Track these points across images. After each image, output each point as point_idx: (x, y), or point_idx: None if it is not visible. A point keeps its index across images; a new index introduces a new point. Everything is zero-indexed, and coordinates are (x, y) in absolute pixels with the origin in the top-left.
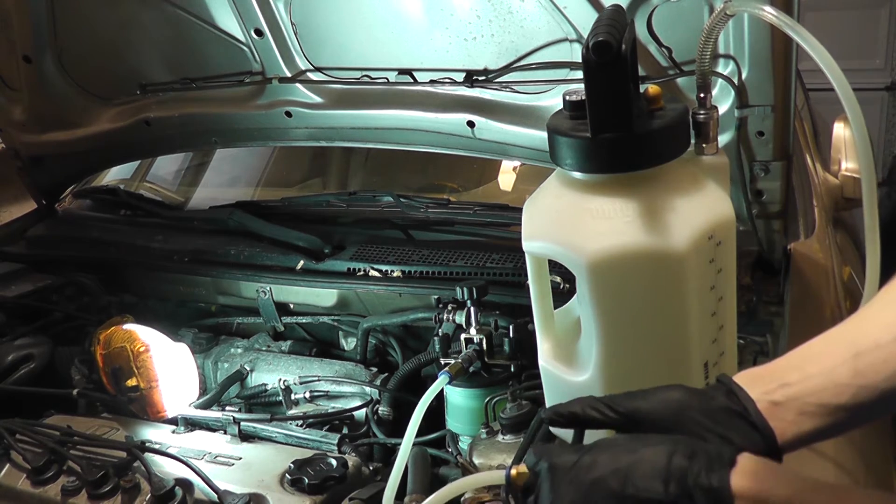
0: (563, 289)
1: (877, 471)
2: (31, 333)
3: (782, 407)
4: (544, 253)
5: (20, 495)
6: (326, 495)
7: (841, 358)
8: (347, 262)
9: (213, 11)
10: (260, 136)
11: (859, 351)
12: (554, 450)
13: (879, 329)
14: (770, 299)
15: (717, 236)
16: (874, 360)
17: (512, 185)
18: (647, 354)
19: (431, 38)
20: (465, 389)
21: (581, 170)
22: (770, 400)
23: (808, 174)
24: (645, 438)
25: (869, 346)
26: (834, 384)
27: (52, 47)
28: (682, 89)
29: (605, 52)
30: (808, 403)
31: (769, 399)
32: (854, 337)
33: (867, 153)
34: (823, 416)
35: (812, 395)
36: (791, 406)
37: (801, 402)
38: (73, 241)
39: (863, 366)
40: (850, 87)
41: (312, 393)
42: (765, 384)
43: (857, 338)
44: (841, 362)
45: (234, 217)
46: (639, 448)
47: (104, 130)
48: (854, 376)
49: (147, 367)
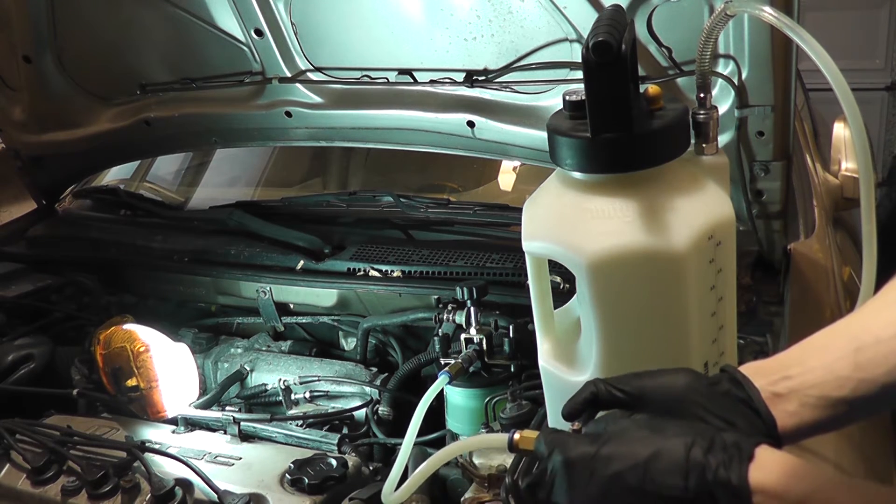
0: (563, 289)
1: (877, 469)
2: (31, 333)
3: (784, 398)
4: (544, 253)
5: (20, 495)
6: (326, 495)
7: (842, 352)
8: (347, 262)
9: (213, 11)
10: (260, 136)
11: (860, 345)
12: (568, 441)
13: (881, 325)
14: (770, 299)
15: (717, 236)
16: (875, 354)
17: (512, 185)
18: (647, 354)
19: (431, 38)
20: (465, 389)
21: (581, 170)
22: (772, 391)
23: (808, 174)
24: (661, 427)
25: (870, 340)
26: (835, 377)
27: (52, 47)
28: (682, 89)
29: (605, 52)
30: (809, 395)
31: (771, 390)
32: (855, 332)
33: (865, 154)
34: (824, 409)
35: (813, 388)
36: (792, 398)
37: (803, 393)
38: (73, 241)
39: (863, 360)
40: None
41: (312, 393)
42: (767, 376)
43: (858, 333)
44: (842, 356)
45: (234, 217)
46: (656, 440)
47: (104, 130)
48: (855, 370)
49: (147, 367)
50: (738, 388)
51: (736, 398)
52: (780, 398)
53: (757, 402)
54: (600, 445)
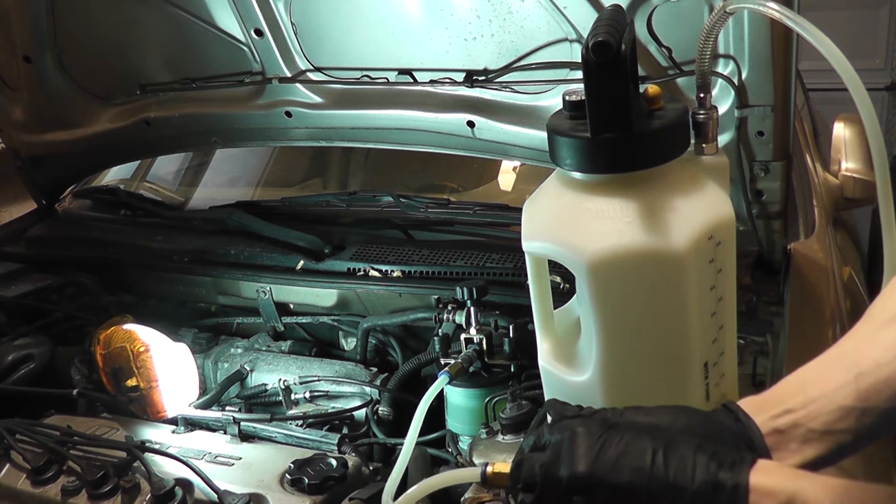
0: (563, 289)
1: (877, 471)
2: (31, 333)
3: (785, 435)
4: (544, 253)
5: (20, 495)
6: (326, 495)
7: (842, 379)
8: (347, 262)
9: (213, 11)
10: (260, 136)
11: (861, 371)
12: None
13: (880, 349)
14: (770, 299)
15: (717, 236)
16: (876, 379)
17: (512, 185)
18: (647, 355)
19: (431, 38)
20: (465, 389)
21: (581, 170)
22: (773, 426)
23: (808, 174)
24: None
25: (870, 365)
26: (837, 407)
27: (52, 47)
28: (682, 89)
29: (604, 52)
30: (812, 430)
31: (772, 426)
32: (854, 358)
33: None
34: (826, 442)
35: (815, 420)
36: (794, 434)
37: (805, 428)
38: (73, 241)
39: (865, 386)
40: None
41: (312, 393)
42: (767, 410)
43: (857, 359)
44: (842, 384)
45: (234, 217)
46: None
47: (104, 130)
48: (857, 399)
49: (147, 367)
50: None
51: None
52: (782, 435)
53: (759, 445)
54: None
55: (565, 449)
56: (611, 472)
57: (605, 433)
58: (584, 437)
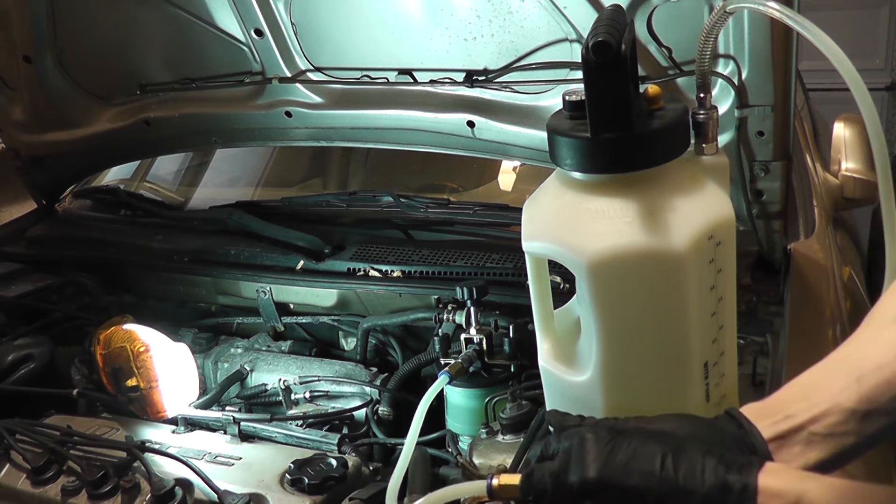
0: (563, 289)
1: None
2: (31, 333)
3: (788, 439)
4: (544, 253)
5: (20, 495)
6: (326, 495)
7: (844, 382)
8: (347, 262)
9: (213, 11)
10: (260, 136)
11: (862, 374)
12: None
13: (880, 350)
14: (770, 299)
15: (717, 236)
16: (878, 381)
17: (512, 185)
18: (647, 355)
19: (431, 38)
20: (465, 389)
21: (581, 170)
22: (776, 432)
23: (808, 174)
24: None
25: (871, 367)
26: (840, 410)
27: (52, 47)
28: (682, 89)
29: (604, 52)
30: (815, 434)
31: (774, 431)
32: (855, 361)
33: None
34: (829, 446)
35: (817, 424)
36: (797, 438)
37: (807, 431)
38: (73, 241)
39: (866, 388)
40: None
41: (312, 393)
42: (770, 416)
43: (858, 361)
44: (844, 387)
45: (234, 217)
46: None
47: (104, 130)
48: (859, 401)
49: (147, 367)
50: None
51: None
52: (785, 439)
53: (762, 450)
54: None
55: (575, 455)
56: (621, 476)
57: (614, 439)
58: (593, 442)
